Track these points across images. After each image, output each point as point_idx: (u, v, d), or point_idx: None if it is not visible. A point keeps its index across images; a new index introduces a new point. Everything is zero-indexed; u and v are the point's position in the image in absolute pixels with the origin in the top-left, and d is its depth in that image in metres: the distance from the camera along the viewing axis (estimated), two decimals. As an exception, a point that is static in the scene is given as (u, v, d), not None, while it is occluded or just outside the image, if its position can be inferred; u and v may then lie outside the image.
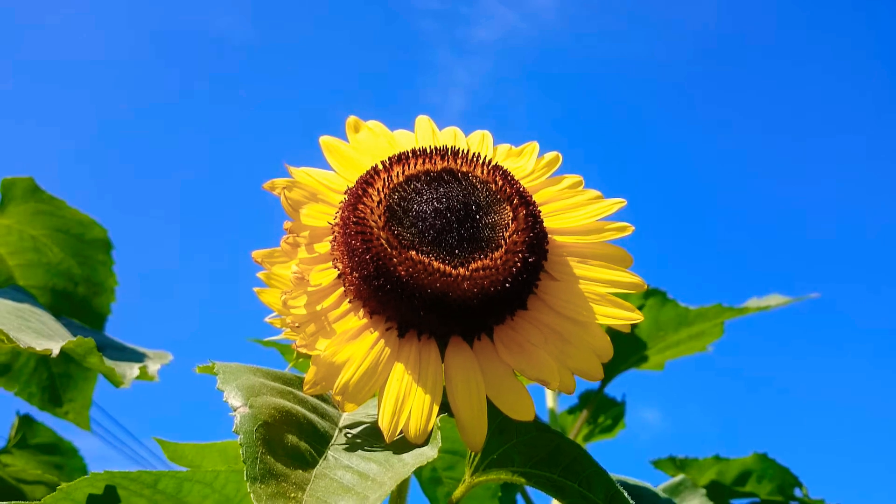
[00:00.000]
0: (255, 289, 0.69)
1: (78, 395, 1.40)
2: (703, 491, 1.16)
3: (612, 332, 0.66)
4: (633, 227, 0.65)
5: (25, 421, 1.58)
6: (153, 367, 1.12)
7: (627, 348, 1.63)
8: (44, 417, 1.48)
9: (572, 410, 1.83)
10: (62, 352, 0.91)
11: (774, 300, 1.58)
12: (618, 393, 1.87)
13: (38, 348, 0.88)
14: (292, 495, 0.50)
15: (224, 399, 0.56)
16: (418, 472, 0.99)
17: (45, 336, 0.99)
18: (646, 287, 0.63)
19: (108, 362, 1.00)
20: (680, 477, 1.20)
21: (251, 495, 0.49)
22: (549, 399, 1.68)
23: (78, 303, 1.47)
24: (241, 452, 0.51)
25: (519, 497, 1.48)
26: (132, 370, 1.06)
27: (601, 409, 1.83)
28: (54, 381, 1.38)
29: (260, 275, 0.70)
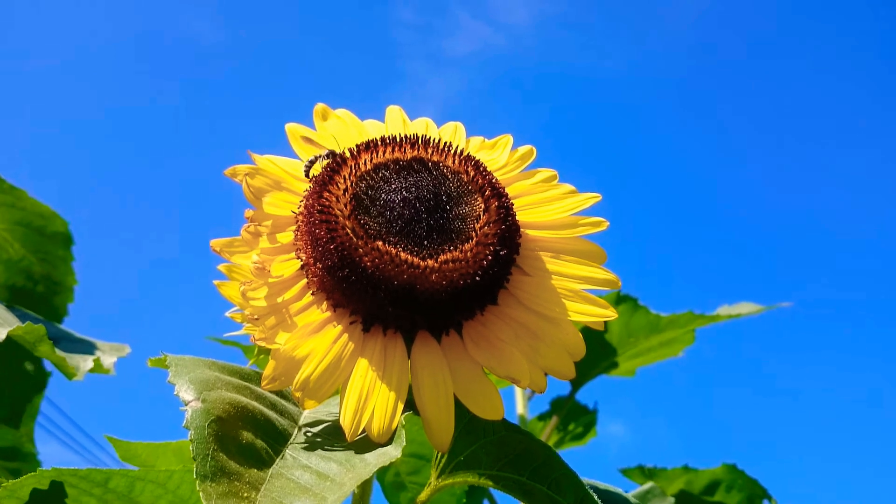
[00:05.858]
0: (216, 281, 0.66)
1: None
2: (672, 500, 1.14)
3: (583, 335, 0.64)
4: (608, 223, 0.64)
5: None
6: (108, 359, 1.06)
7: (598, 354, 1.61)
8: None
9: (542, 417, 1.81)
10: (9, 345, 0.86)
11: (745, 308, 1.58)
12: (588, 401, 1.86)
13: (-17, 333, 0.84)
14: (245, 495, 0.47)
15: (175, 393, 0.53)
16: (381, 477, 0.96)
17: (-7, 323, 0.94)
18: (620, 284, 0.61)
19: (60, 353, 0.96)
20: (648, 485, 1.17)
21: (200, 494, 0.46)
22: (519, 405, 1.66)
23: (36, 301, 1.43)
24: (191, 448, 0.48)
25: (486, 502, 1.45)
26: (86, 362, 1.01)
27: (572, 416, 1.82)
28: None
29: (221, 267, 0.67)
